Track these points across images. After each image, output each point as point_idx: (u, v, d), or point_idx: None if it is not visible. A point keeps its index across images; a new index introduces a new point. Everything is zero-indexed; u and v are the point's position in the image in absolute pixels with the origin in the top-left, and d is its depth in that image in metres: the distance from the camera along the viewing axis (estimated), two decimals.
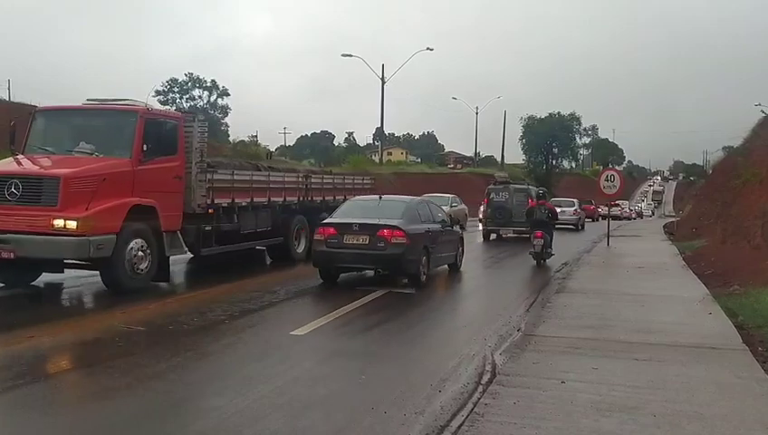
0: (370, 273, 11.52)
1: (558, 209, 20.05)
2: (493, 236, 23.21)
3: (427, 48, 46.86)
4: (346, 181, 16.63)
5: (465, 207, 28.47)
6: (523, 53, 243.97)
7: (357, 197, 14.26)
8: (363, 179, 17.91)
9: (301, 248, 14.26)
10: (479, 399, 5.03)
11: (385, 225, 10.70)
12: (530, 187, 25.00)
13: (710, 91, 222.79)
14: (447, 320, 8.81)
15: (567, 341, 6.98)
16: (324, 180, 15.43)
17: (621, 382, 5.44)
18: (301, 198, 14.16)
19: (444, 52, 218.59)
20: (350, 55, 44.97)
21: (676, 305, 9.37)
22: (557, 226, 19.24)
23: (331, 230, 10.90)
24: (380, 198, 12.68)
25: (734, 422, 4.57)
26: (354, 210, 11.77)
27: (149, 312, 8.44)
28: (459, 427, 4.47)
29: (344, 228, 10.82)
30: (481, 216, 23.92)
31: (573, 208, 30.63)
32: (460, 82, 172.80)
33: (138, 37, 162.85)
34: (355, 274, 11.71)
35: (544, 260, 15.10)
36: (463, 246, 13.90)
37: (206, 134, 11.04)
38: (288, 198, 13.67)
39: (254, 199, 12.42)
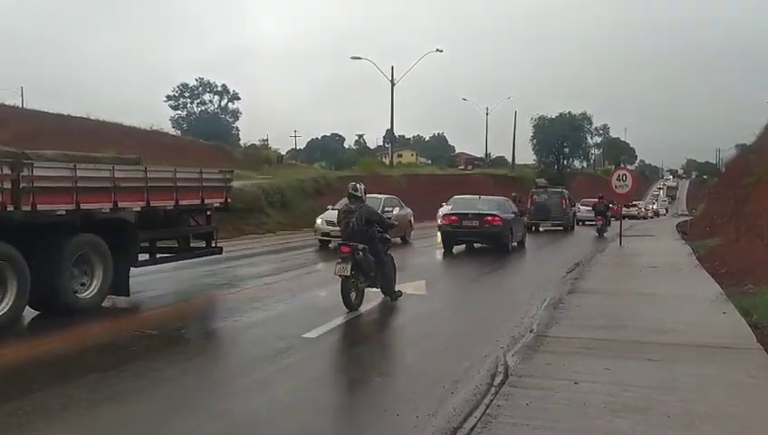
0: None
1: (584, 208, 35.14)
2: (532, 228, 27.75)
3: (437, 50, 46.92)
4: (153, 177, 9.20)
5: (410, 211, 21.74)
6: (534, 54, 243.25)
7: (461, 196, 19.58)
8: (204, 175, 10.45)
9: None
10: (492, 400, 5.03)
11: (488, 213, 17.50)
12: (563, 190, 31.42)
13: (722, 89, 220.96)
14: (459, 321, 8.80)
15: (580, 341, 6.95)
16: (80, 174, 8.00)
17: (635, 383, 5.41)
18: None
19: (453, 53, 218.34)
20: (360, 58, 45.01)
21: (689, 305, 9.31)
22: (587, 222, 32.88)
23: (454, 218, 17.62)
24: (480, 197, 19.97)
25: (749, 422, 4.54)
26: (465, 205, 18.91)
27: (162, 316, 8.50)
28: (472, 429, 4.46)
29: (462, 216, 17.58)
30: (526, 217, 27.20)
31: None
32: (470, 83, 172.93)
33: (148, 44, 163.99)
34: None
35: (603, 233, 25.50)
36: (526, 229, 21.15)
37: None
38: None
39: None
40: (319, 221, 18.92)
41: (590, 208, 33.26)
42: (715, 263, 14.13)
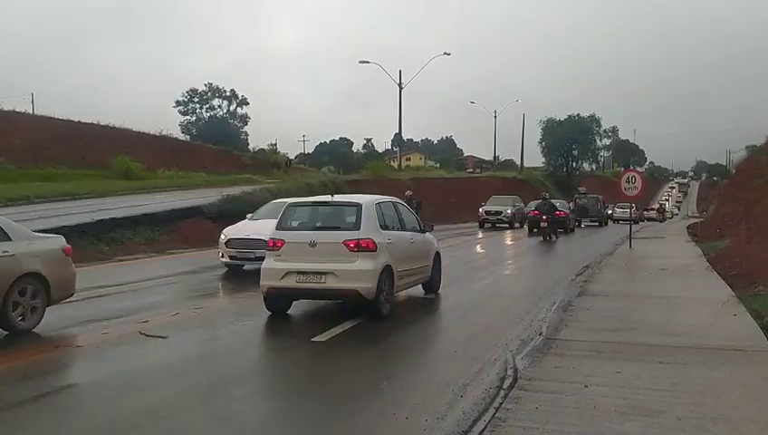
0: None
1: (619, 210, 43.69)
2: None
3: (444, 53, 47.04)
4: None
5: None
6: (542, 57, 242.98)
7: (537, 201, 29.42)
8: None
9: None
10: (501, 404, 5.01)
11: (557, 208, 27.87)
12: (598, 196, 41.00)
13: (732, 90, 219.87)
14: (468, 324, 8.77)
15: (589, 344, 6.92)
16: None
17: (645, 386, 5.38)
18: None
19: (461, 57, 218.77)
20: (368, 62, 45.10)
21: (700, 307, 9.25)
22: (618, 220, 42.30)
23: (537, 211, 27.22)
24: (548, 197, 29.85)
25: (761, 424, 4.50)
26: (539, 205, 27.60)
27: (174, 320, 8.53)
28: (481, 432, 4.45)
29: (541, 213, 26.02)
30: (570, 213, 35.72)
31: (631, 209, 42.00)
32: (479, 86, 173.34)
33: (157, 50, 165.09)
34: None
35: (665, 220, 46.94)
36: (575, 221, 32.86)
37: None
38: None
39: None
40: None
41: (625, 211, 42.76)
42: (725, 265, 14.03)
